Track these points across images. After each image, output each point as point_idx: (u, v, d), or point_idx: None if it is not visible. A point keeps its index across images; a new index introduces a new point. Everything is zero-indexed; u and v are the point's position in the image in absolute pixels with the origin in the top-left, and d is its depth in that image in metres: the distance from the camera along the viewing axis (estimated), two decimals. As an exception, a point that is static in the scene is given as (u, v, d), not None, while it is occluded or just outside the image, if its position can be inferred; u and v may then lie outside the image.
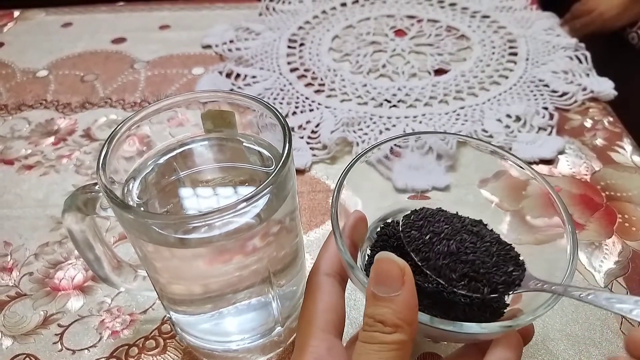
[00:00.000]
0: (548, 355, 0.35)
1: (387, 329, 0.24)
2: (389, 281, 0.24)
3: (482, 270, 0.29)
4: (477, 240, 0.30)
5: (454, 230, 0.31)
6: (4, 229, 0.47)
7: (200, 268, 0.29)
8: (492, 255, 0.30)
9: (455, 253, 0.29)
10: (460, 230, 0.31)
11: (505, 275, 0.29)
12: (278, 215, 0.29)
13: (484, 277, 0.29)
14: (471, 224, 0.32)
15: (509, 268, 0.29)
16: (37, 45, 0.75)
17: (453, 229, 0.31)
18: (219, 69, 0.66)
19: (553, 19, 0.73)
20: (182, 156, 0.33)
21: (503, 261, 0.30)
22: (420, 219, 0.32)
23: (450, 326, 0.26)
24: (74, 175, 0.52)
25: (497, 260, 0.29)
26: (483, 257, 0.29)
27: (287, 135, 0.28)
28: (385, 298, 0.24)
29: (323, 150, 0.53)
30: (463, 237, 0.30)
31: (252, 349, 0.35)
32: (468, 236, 0.30)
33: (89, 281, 0.42)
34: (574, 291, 0.26)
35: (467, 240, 0.30)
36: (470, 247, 0.30)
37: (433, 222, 0.32)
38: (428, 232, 0.31)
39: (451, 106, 0.59)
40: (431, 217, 0.32)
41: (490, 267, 0.29)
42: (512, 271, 0.29)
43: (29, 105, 0.63)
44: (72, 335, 0.38)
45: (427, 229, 0.31)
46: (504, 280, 0.29)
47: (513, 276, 0.29)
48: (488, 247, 0.30)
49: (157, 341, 0.38)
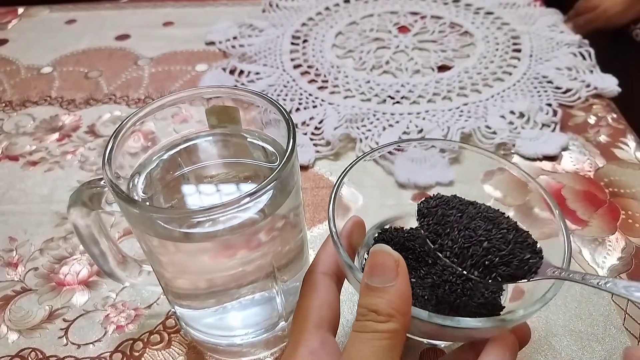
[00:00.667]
0: (551, 351, 0.36)
1: (381, 317, 0.24)
2: (383, 272, 0.25)
3: (498, 258, 0.29)
4: (493, 227, 0.30)
5: (469, 217, 0.30)
6: (9, 224, 0.47)
7: (205, 262, 0.29)
8: (508, 242, 0.29)
9: (470, 240, 0.29)
10: (475, 217, 0.31)
11: (522, 263, 0.29)
12: (282, 211, 0.29)
13: (500, 264, 0.29)
14: (487, 211, 0.31)
15: (526, 255, 0.29)
16: (41, 42, 0.75)
17: (468, 215, 0.31)
18: (223, 66, 0.66)
19: (557, 16, 0.73)
20: (186, 152, 0.33)
21: (520, 248, 0.29)
22: (435, 205, 0.32)
23: (448, 321, 0.26)
24: (78, 171, 0.52)
25: (514, 248, 0.29)
26: (499, 244, 0.29)
27: (291, 131, 0.28)
28: (379, 288, 0.24)
29: (326, 147, 0.53)
30: (479, 223, 0.30)
31: (256, 343, 0.35)
32: (484, 223, 0.30)
33: (94, 276, 0.42)
34: (591, 279, 0.26)
35: (482, 227, 0.30)
36: (486, 234, 0.29)
37: (448, 208, 0.31)
38: (443, 219, 0.31)
39: (454, 102, 0.59)
40: (446, 203, 0.32)
41: (507, 254, 0.29)
42: (529, 258, 0.29)
43: (34, 102, 0.63)
44: (77, 330, 0.39)
45: (442, 215, 0.31)
46: (520, 267, 0.29)
47: (530, 263, 0.29)
48: (504, 234, 0.30)
49: (162, 336, 0.38)
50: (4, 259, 0.44)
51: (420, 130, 0.55)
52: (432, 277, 0.33)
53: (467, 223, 0.30)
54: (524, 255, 0.29)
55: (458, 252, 0.29)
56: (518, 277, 0.29)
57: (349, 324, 0.38)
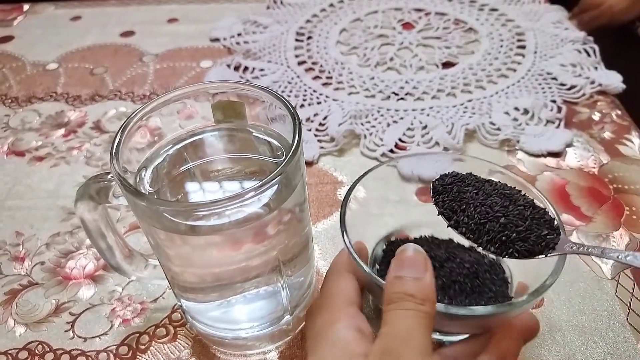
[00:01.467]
0: (555, 346, 0.36)
1: (418, 300, 0.26)
2: (415, 265, 0.27)
3: (515, 234, 0.29)
4: (510, 203, 0.30)
5: (485, 194, 0.31)
6: (16, 219, 0.48)
7: (211, 255, 0.29)
8: (525, 218, 0.29)
9: (487, 216, 0.29)
10: (492, 194, 0.31)
11: (540, 239, 0.29)
12: (287, 205, 0.29)
13: (517, 240, 0.29)
14: (504, 188, 0.32)
15: (543, 231, 0.29)
16: (47, 38, 0.75)
17: (485, 192, 0.31)
18: (227, 62, 0.66)
19: (561, 12, 0.73)
20: (192, 146, 0.33)
21: (537, 225, 0.29)
22: (450, 182, 0.32)
23: (463, 310, 0.27)
24: (84, 167, 0.53)
25: (531, 224, 0.29)
26: (516, 220, 0.29)
27: (297, 125, 0.28)
28: (412, 279, 0.26)
29: (331, 143, 0.54)
30: (495, 200, 0.30)
31: (261, 337, 0.35)
32: (500, 199, 0.30)
33: (100, 270, 0.42)
34: (611, 252, 0.27)
35: (499, 204, 0.30)
36: (502, 210, 0.30)
37: (463, 185, 0.32)
38: (459, 195, 0.31)
39: (459, 99, 0.59)
40: (461, 180, 0.32)
41: (524, 230, 0.29)
42: (547, 234, 0.29)
43: (40, 98, 0.63)
44: (83, 324, 0.39)
45: (457, 192, 0.31)
46: (538, 243, 0.29)
47: (547, 239, 0.29)
48: (521, 210, 0.30)
49: (168, 329, 0.38)
50: (11, 254, 0.44)
51: (425, 126, 0.55)
52: (441, 279, 0.33)
53: (484, 200, 0.30)
54: (541, 231, 0.29)
55: (474, 228, 0.30)
56: (535, 253, 0.29)
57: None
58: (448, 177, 0.33)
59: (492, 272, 0.35)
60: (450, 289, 0.33)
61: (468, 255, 0.36)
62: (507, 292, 0.34)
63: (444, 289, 0.33)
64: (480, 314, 0.27)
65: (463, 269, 0.34)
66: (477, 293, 0.33)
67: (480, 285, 0.33)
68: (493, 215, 0.29)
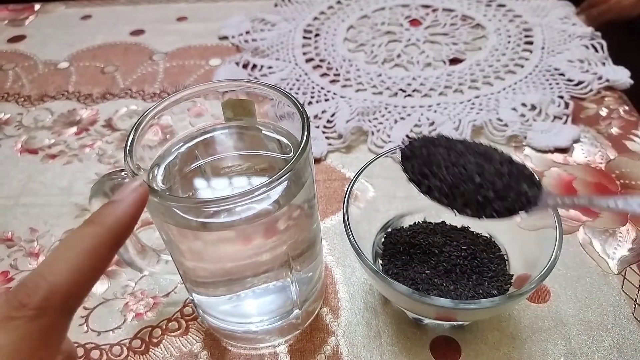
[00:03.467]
0: (561, 340, 0.36)
1: None
2: None
3: (492, 193, 0.27)
4: (485, 162, 0.28)
5: (458, 154, 0.28)
6: (30, 215, 0.49)
7: (222, 251, 0.30)
8: (502, 175, 0.27)
9: (461, 177, 0.27)
10: (465, 153, 0.28)
11: (520, 195, 0.27)
12: (296, 202, 0.30)
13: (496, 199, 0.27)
14: (477, 146, 0.29)
15: (523, 188, 0.27)
16: (58, 37, 0.76)
17: (457, 152, 0.28)
18: (236, 60, 0.67)
19: (569, 8, 0.73)
20: (203, 144, 0.34)
21: (515, 181, 0.27)
22: (420, 146, 0.30)
23: (472, 305, 0.28)
24: (96, 164, 0.54)
25: (509, 181, 0.27)
26: (493, 178, 0.27)
27: (305, 123, 0.29)
28: None
29: (338, 140, 0.54)
30: (468, 159, 0.28)
31: (271, 330, 0.36)
32: (474, 158, 0.28)
33: (113, 266, 0.43)
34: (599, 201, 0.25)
35: (472, 163, 0.28)
36: (477, 169, 0.27)
37: (434, 147, 0.29)
38: (429, 158, 0.29)
39: (466, 95, 0.59)
40: (431, 142, 0.30)
41: (502, 188, 0.27)
42: (527, 191, 0.27)
43: (51, 96, 0.64)
44: (97, 318, 0.40)
45: (427, 155, 0.29)
46: (518, 200, 0.27)
47: (528, 196, 0.27)
48: (498, 167, 0.28)
49: (180, 323, 0.39)
50: (26, 249, 0.45)
51: (432, 123, 0.55)
52: (442, 265, 0.34)
53: (456, 160, 0.28)
54: (521, 188, 0.27)
55: (448, 192, 0.28)
56: (516, 211, 0.27)
57: (358, 308, 0.38)
58: (417, 140, 0.30)
59: (489, 251, 0.36)
60: (452, 273, 0.34)
61: (462, 236, 0.37)
62: (506, 269, 0.35)
63: (447, 273, 0.34)
64: (486, 306, 0.28)
65: (461, 251, 0.35)
66: (478, 273, 0.34)
67: (480, 265, 0.34)
68: (467, 176, 0.27)
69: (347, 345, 0.37)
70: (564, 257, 0.36)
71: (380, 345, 0.36)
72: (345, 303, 0.39)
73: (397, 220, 0.40)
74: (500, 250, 0.37)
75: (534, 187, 0.28)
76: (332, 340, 0.37)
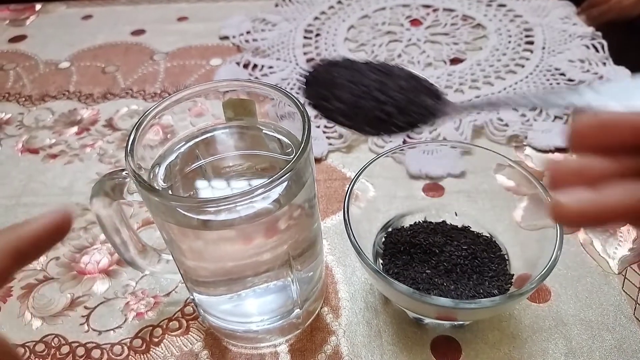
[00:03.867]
0: (562, 339, 0.36)
1: None
2: None
3: (394, 109, 0.27)
4: (386, 78, 0.28)
5: (359, 73, 0.28)
6: (31, 215, 0.48)
7: (223, 250, 0.30)
8: (403, 90, 0.27)
9: (362, 96, 0.27)
10: (365, 72, 0.28)
11: (422, 109, 0.27)
12: (297, 201, 0.30)
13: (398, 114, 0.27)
14: (382, 65, 0.29)
15: (426, 100, 0.27)
16: (59, 37, 0.76)
17: (358, 72, 0.28)
18: (237, 60, 0.67)
19: (569, 8, 0.73)
20: (204, 144, 0.34)
21: (417, 95, 0.27)
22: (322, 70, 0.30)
23: (473, 304, 0.28)
24: (97, 164, 0.54)
25: (411, 95, 0.27)
26: (394, 93, 0.27)
27: (306, 123, 0.29)
28: None
29: (339, 139, 0.54)
30: (371, 77, 0.28)
31: (271, 330, 0.36)
32: (375, 76, 0.28)
33: (114, 265, 0.43)
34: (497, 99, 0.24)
35: (374, 80, 0.28)
36: (379, 86, 0.27)
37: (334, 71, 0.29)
38: (330, 81, 0.28)
39: (467, 95, 0.59)
40: (334, 65, 0.29)
41: (403, 102, 0.27)
42: (428, 103, 0.27)
43: (52, 96, 0.64)
44: (98, 317, 0.40)
45: (329, 78, 0.29)
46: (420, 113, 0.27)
47: (430, 108, 0.27)
48: (400, 83, 0.28)
49: (180, 322, 0.39)
50: (27, 249, 0.45)
51: (432, 122, 0.55)
52: (442, 264, 0.34)
53: (358, 79, 0.28)
54: (422, 101, 0.27)
55: (348, 112, 0.28)
56: (417, 124, 0.27)
57: (359, 307, 0.38)
58: (319, 65, 0.30)
59: (489, 251, 0.36)
60: (452, 273, 0.34)
61: (463, 236, 0.37)
62: (507, 269, 0.35)
63: (448, 273, 0.34)
64: (486, 306, 0.28)
65: (462, 250, 0.35)
66: (479, 273, 0.34)
67: (480, 265, 0.34)
68: (368, 93, 0.27)
69: (348, 344, 0.37)
70: (564, 256, 0.36)
71: (380, 345, 0.36)
72: (346, 302, 0.39)
73: (397, 220, 0.40)
74: (500, 250, 0.37)
75: (436, 100, 0.28)
76: (333, 339, 0.37)
